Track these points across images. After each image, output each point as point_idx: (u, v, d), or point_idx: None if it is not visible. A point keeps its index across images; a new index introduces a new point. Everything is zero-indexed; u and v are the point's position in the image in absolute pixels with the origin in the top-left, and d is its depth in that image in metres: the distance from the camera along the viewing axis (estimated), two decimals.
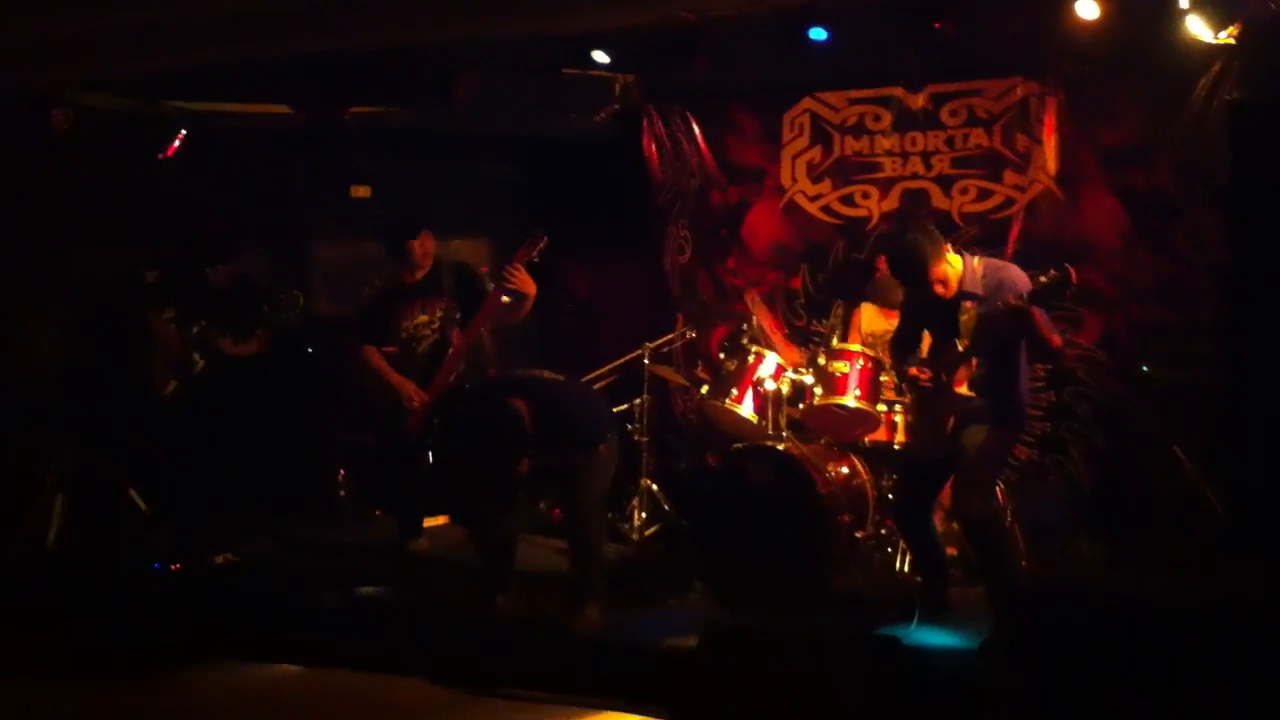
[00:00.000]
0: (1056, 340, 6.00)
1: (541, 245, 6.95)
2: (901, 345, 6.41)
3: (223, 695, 6.11)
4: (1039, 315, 5.76)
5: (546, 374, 6.02)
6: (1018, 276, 6.02)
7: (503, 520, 6.27)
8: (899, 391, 6.85)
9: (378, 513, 8.02)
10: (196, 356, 7.71)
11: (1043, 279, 5.64)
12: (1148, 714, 4.32)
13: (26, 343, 8.24)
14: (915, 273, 6.05)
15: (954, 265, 6.03)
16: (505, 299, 7.00)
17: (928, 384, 6.11)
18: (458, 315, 7.21)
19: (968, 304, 6.00)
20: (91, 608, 6.59)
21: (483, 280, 7.28)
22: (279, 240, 9.47)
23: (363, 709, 5.88)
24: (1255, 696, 4.14)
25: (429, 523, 8.19)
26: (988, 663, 5.13)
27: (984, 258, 6.26)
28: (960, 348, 5.97)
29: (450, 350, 7.14)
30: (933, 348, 6.18)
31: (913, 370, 6.22)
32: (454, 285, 7.28)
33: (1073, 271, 5.59)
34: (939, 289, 6.02)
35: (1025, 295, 5.69)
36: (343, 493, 8.90)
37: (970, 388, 5.97)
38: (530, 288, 6.93)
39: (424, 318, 7.28)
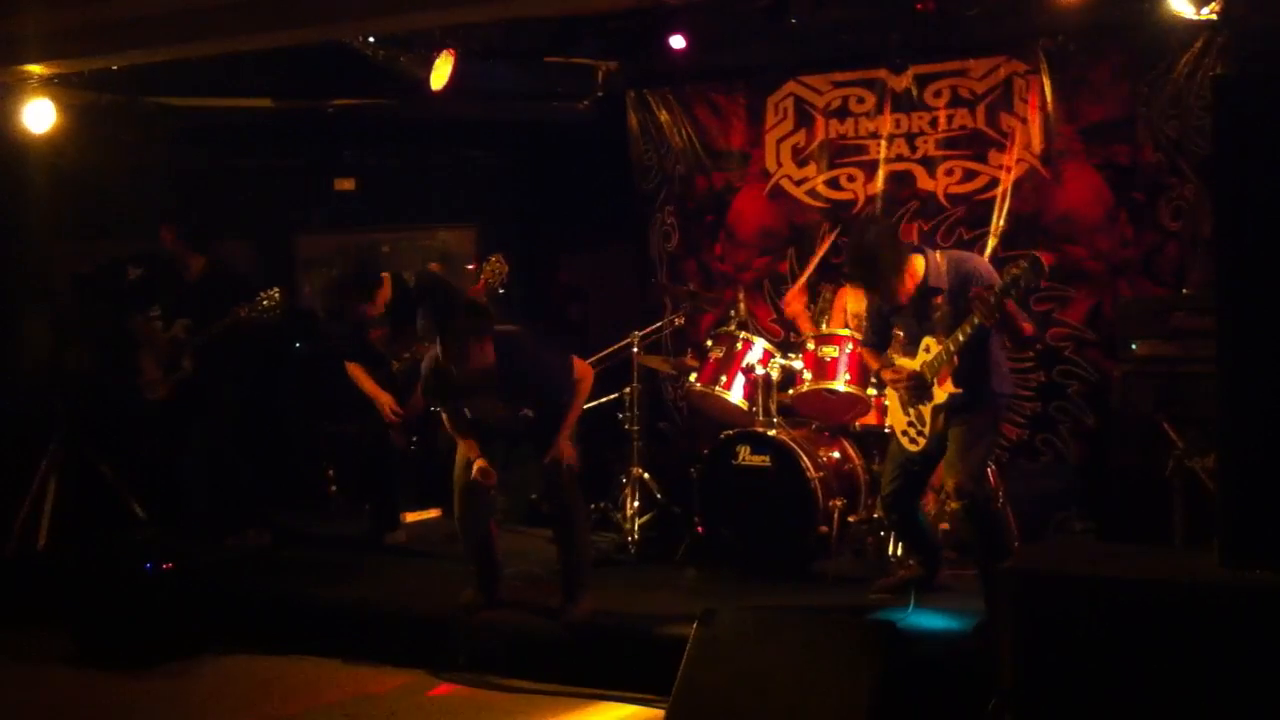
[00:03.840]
0: (1028, 328, 5.99)
1: (504, 272, 6.91)
2: (874, 345, 6.40)
3: (217, 688, 6.12)
4: (1011, 305, 5.75)
5: (498, 326, 6.06)
6: (981, 266, 6.04)
7: (475, 508, 6.27)
8: (879, 391, 6.85)
9: (367, 506, 7.99)
10: (186, 361, 7.67)
11: (1014, 270, 5.60)
12: (1141, 694, 4.32)
13: (13, 341, 8.20)
14: (870, 280, 6.10)
15: (915, 271, 6.03)
16: None
17: (903, 385, 6.11)
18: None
19: (937, 299, 5.99)
20: (84, 605, 6.57)
21: (447, 288, 7.29)
22: (264, 234, 9.45)
23: (357, 702, 5.87)
24: (1250, 674, 4.14)
25: (419, 516, 8.19)
26: (982, 644, 5.13)
27: (945, 251, 6.25)
28: (937, 344, 5.96)
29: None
30: (905, 344, 6.16)
31: (886, 374, 6.22)
32: (424, 300, 7.28)
33: (1042, 258, 5.60)
34: (891, 297, 6.05)
35: (997, 288, 5.67)
36: (333, 488, 8.90)
37: (956, 384, 5.94)
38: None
39: (399, 339, 7.33)
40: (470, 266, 7.54)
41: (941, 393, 5.97)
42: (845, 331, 7.08)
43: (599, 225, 9.04)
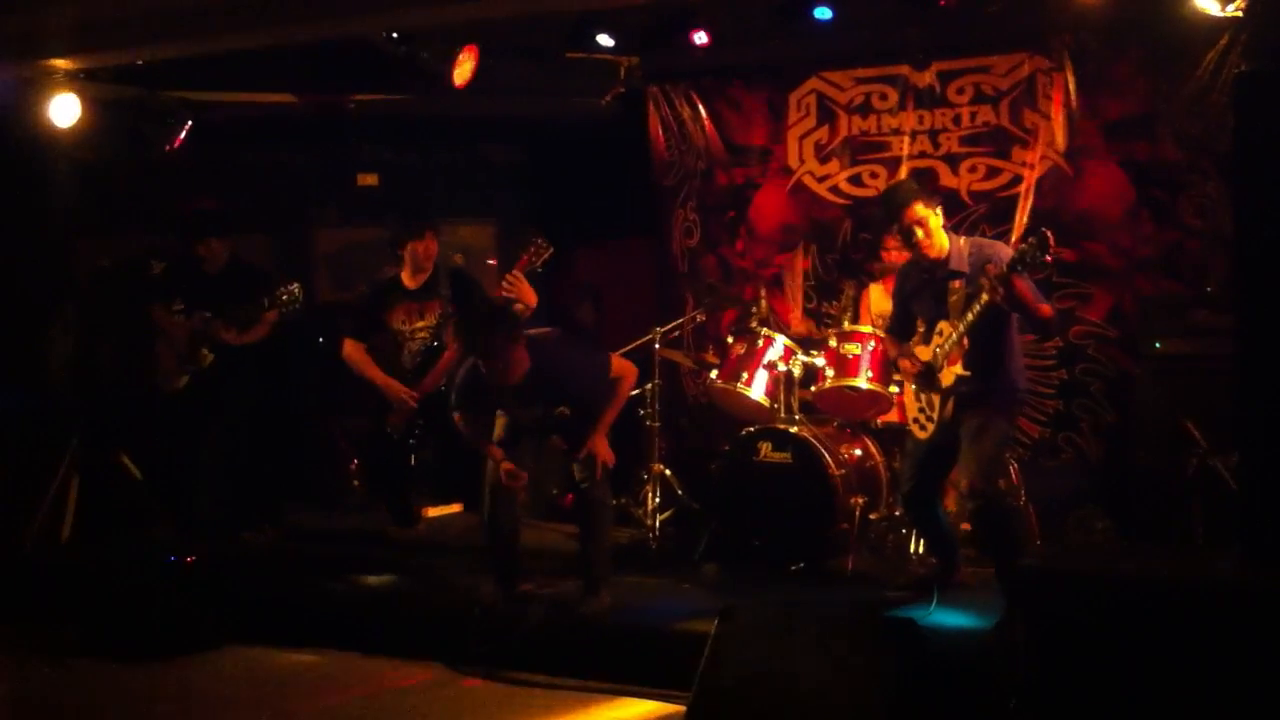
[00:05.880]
0: (1045, 309, 5.97)
1: (546, 255, 6.84)
2: (896, 333, 6.39)
3: (237, 682, 6.15)
4: (1021, 283, 5.73)
5: (532, 330, 6.10)
6: (1002, 251, 6.03)
7: (505, 505, 6.29)
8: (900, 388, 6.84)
9: (392, 501, 8.00)
10: (205, 350, 7.69)
11: (1020, 245, 5.62)
12: (1160, 692, 4.32)
13: (38, 336, 8.23)
14: (896, 208, 6.07)
15: (941, 230, 6.03)
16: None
17: (915, 373, 6.10)
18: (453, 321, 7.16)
19: (955, 283, 5.98)
20: (105, 600, 6.61)
21: (481, 288, 7.24)
22: (283, 228, 9.47)
23: (380, 696, 5.89)
24: (1271, 674, 4.13)
25: (440, 511, 8.19)
26: (1003, 642, 5.12)
27: (969, 237, 6.26)
28: (950, 328, 5.94)
29: (445, 354, 7.11)
30: (925, 332, 6.16)
31: (902, 362, 6.21)
32: (451, 291, 7.24)
33: (1050, 234, 5.56)
34: (920, 235, 6.00)
35: (1008, 262, 5.67)
36: (356, 482, 8.91)
37: (965, 367, 5.93)
38: (531, 298, 6.73)
39: (420, 321, 7.26)
40: (491, 262, 7.50)
41: (949, 374, 5.95)
42: (868, 329, 7.06)
43: (620, 221, 9.04)
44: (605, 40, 7.83)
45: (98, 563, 6.79)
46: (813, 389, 7.12)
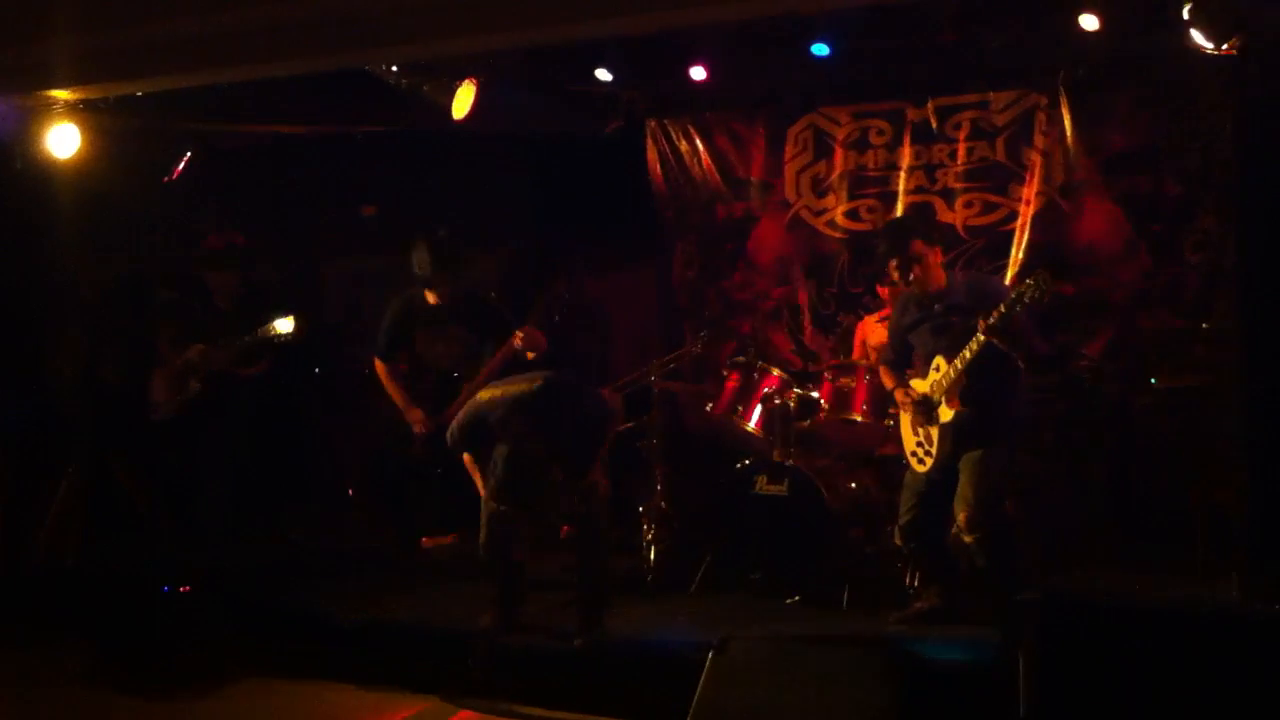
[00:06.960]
0: (1043, 346, 5.99)
1: (562, 299, 6.92)
2: (893, 364, 6.41)
3: (236, 711, 6.12)
4: (1021, 321, 5.74)
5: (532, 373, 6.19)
6: (1001, 288, 6.05)
7: (503, 534, 6.30)
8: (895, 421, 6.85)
9: (391, 530, 8.01)
10: (194, 382, 7.68)
11: (1020, 286, 5.63)
12: None
13: (44, 358, 8.24)
14: (900, 243, 6.08)
15: (938, 267, 6.06)
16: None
17: (911, 406, 6.11)
18: (477, 346, 7.18)
19: (953, 318, 5.99)
20: (108, 621, 6.60)
21: (501, 312, 7.26)
22: (288, 255, 9.48)
23: None
24: (1270, 702, 4.13)
25: (436, 541, 8.17)
26: (1000, 673, 5.11)
27: (967, 271, 6.28)
28: (946, 363, 5.96)
29: (465, 385, 7.12)
30: (920, 364, 6.17)
31: (898, 394, 6.22)
32: (472, 315, 7.26)
33: (1049, 274, 5.57)
34: (916, 272, 6.03)
35: (1005, 303, 5.68)
36: (354, 513, 8.90)
37: (963, 402, 5.94)
38: (543, 346, 6.92)
39: (443, 345, 7.28)
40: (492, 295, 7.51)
41: (948, 411, 5.96)
42: (864, 362, 7.08)
43: (621, 252, 9.06)
44: (604, 75, 7.88)
45: (99, 585, 6.80)
46: (807, 422, 7.13)
